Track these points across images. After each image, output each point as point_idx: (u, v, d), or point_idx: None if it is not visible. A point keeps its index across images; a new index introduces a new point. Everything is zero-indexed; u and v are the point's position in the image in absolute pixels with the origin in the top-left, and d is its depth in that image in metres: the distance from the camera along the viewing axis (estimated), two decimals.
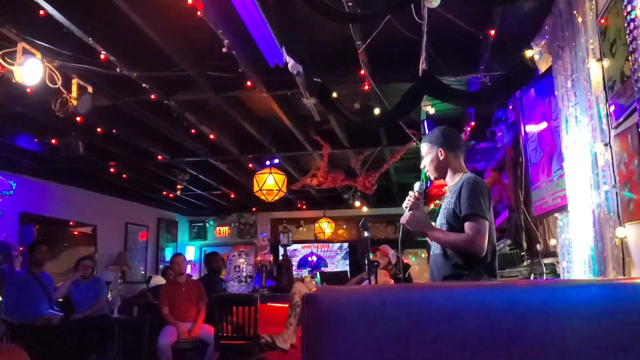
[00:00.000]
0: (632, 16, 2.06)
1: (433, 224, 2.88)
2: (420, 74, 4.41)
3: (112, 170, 7.91)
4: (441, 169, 2.95)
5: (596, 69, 3.00)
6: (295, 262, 11.41)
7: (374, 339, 1.30)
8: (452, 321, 1.30)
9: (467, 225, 2.66)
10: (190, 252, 12.51)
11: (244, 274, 6.37)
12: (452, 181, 2.93)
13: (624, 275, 2.64)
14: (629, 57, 2.15)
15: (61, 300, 6.85)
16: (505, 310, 1.32)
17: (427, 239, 2.90)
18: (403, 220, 2.84)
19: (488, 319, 1.31)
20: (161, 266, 10.96)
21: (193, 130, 6.39)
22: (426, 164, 2.99)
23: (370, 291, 1.48)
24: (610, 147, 2.82)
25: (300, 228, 12.31)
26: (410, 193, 2.89)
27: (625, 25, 2.10)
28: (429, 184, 6.99)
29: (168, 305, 6.22)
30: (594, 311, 1.29)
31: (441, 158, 2.92)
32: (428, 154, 2.97)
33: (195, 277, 10.26)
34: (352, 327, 1.31)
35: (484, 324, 1.30)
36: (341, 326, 1.31)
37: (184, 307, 6.26)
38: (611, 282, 1.71)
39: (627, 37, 2.18)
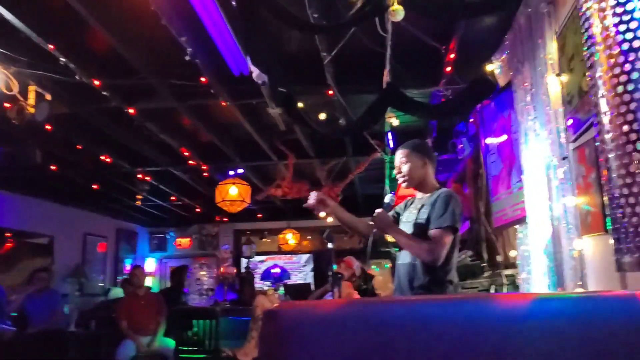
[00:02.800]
0: (590, 33, 2.11)
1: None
2: (384, 86, 4.45)
3: (70, 179, 7.70)
4: (419, 179, 2.94)
5: (555, 84, 3.08)
6: (258, 274, 11.33)
7: (336, 356, 1.27)
8: (415, 336, 1.29)
9: (432, 232, 2.67)
10: (151, 264, 12.27)
11: (205, 286, 6.27)
12: (424, 194, 2.92)
13: (583, 287, 2.69)
14: (587, 73, 2.20)
15: (14, 314, 6.60)
16: (467, 324, 1.31)
17: (393, 249, 2.91)
18: (372, 218, 2.83)
19: (450, 334, 1.30)
20: (119, 278, 10.72)
21: (154, 140, 6.27)
22: (405, 171, 2.93)
23: (332, 307, 1.45)
24: (569, 160, 2.89)
25: (264, 239, 12.22)
26: (312, 194, 2.91)
27: (583, 42, 2.16)
28: (392, 194, 7.05)
29: (127, 319, 6.06)
30: (555, 325, 1.29)
31: (423, 169, 2.92)
32: (410, 162, 2.92)
33: (155, 289, 10.10)
34: (313, 344, 1.28)
35: (447, 339, 1.29)
36: (302, 343, 1.28)
37: (143, 321, 6.11)
38: (570, 295, 1.73)
39: (584, 53, 2.23)
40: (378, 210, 2.81)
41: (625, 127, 1.95)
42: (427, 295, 2.64)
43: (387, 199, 2.94)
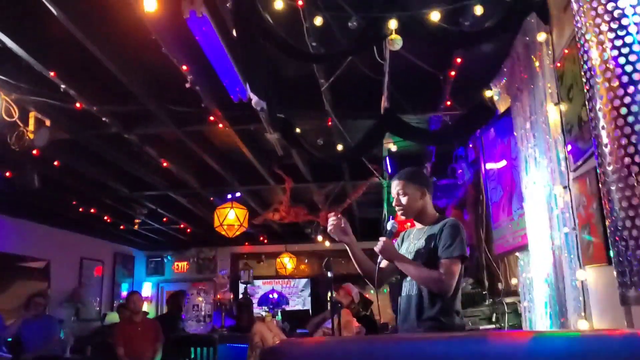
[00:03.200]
0: (589, 65, 2.11)
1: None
2: (382, 112, 4.46)
3: (68, 203, 7.67)
4: (419, 209, 2.91)
5: (554, 112, 3.08)
6: (255, 299, 11.23)
7: None
8: None
9: (442, 263, 2.63)
10: (147, 289, 12.17)
11: (203, 312, 6.21)
12: (426, 223, 2.89)
13: (586, 318, 2.66)
14: (586, 104, 2.20)
15: (10, 340, 6.51)
16: None
17: (395, 278, 2.87)
18: (377, 248, 2.79)
19: None
20: (116, 302, 10.62)
21: (153, 164, 6.27)
22: (404, 202, 2.90)
23: (335, 344, 1.43)
24: (569, 190, 2.88)
25: (261, 263, 12.15)
26: (332, 215, 2.89)
27: (582, 73, 2.16)
28: (390, 218, 7.03)
29: (123, 346, 5.99)
30: None
31: (422, 200, 2.88)
32: (408, 193, 2.88)
33: (151, 314, 10.00)
34: None
35: None
36: None
37: (140, 347, 6.04)
38: (578, 334, 1.71)
39: (584, 84, 2.23)
40: (382, 239, 2.77)
41: (627, 160, 1.93)
42: (436, 325, 2.60)
43: (389, 225, 2.89)
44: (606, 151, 2.05)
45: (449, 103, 4.55)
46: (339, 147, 5.39)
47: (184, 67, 3.89)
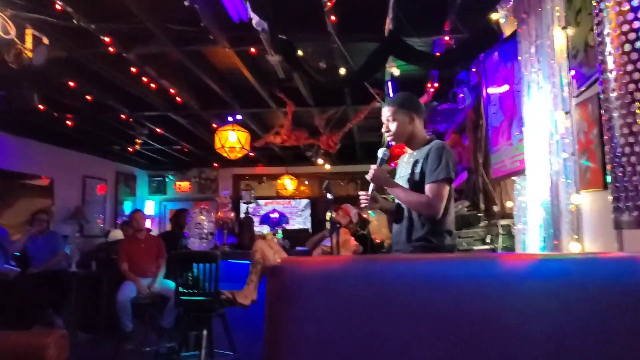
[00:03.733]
0: None
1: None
2: (386, 35, 4.36)
3: (68, 123, 7.64)
4: (409, 135, 2.93)
5: (560, 37, 3.01)
6: (257, 218, 11.42)
7: (338, 312, 1.30)
8: (415, 294, 1.31)
9: (429, 187, 2.69)
10: (150, 207, 12.35)
11: (205, 230, 6.34)
12: (415, 147, 2.92)
13: (579, 241, 2.72)
14: (594, 29, 2.15)
15: (17, 254, 6.69)
16: (466, 283, 1.33)
17: (389, 196, 2.93)
18: (369, 176, 2.84)
19: (449, 292, 1.32)
20: (119, 219, 10.81)
21: (153, 85, 6.19)
22: (392, 128, 2.92)
23: (335, 263, 1.47)
24: (571, 115, 2.86)
25: (262, 184, 12.27)
26: (362, 193, 2.89)
27: None
28: (389, 144, 7.03)
29: (127, 261, 6.15)
30: (555, 286, 1.31)
31: (412, 124, 2.90)
32: (397, 119, 2.89)
33: (154, 231, 10.20)
34: (315, 300, 1.30)
35: (445, 297, 1.31)
36: (305, 299, 1.30)
37: (144, 263, 6.20)
38: (569, 256, 1.75)
39: (592, 7, 2.17)
40: (373, 167, 2.81)
41: (631, 86, 1.92)
42: (425, 245, 2.68)
43: (380, 153, 2.92)
44: (611, 77, 2.02)
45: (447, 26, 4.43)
46: (342, 71, 5.31)
47: None
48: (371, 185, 2.85)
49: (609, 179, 2.05)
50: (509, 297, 1.29)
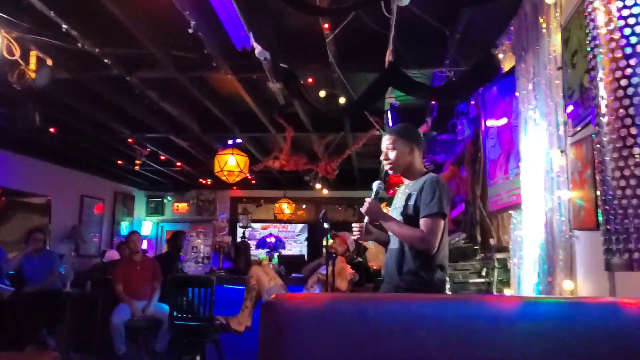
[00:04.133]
0: (594, 34, 2.10)
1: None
2: (386, 66, 4.43)
3: (69, 142, 7.70)
4: (407, 165, 2.97)
5: (557, 77, 3.07)
6: (253, 242, 11.42)
7: (330, 349, 1.32)
8: (407, 333, 1.34)
9: (423, 221, 2.71)
10: (147, 228, 12.35)
11: (201, 254, 6.35)
12: (411, 179, 2.96)
13: (572, 279, 2.75)
14: (589, 73, 2.21)
15: (12, 272, 6.67)
16: (457, 324, 1.36)
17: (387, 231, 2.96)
18: (363, 209, 2.88)
19: (440, 333, 1.35)
20: (116, 239, 10.79)
21: (155, 108, 6.25)
22: (392, 157, 2.96)
23: (328, 301, 1.50)
24: (566, 154, 2.91)
25: (260, 207, 12.30)
26: (355, 225, 2.93)
27: (587, 42, 2.15)
28: (387, 173, 7.08)
29: (122, 283, 6.15)
30: (542, 328, 1.34)
31: (411, 155, 2.94)
32: (397, 148, 2.94)
33: (151, 253, 10.19)
34: (308, 336, 1.32)
35: (436, 337, 1.34)
36: (297, 335, 1.33)
37: (139, 286, 6.20)
38: (561, 300, 1.78)
39: (588, 52, 2.23)
40: (367, 200, 2.85)
41: (623, 131, 1.96)
42: (415, 279, 2.70)
43: (375, 186, 2.96)
44: (603, 121, 2.07)
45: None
46: (341, 100, 5.38)
47: (187, 12, 3.83)
48: (366, 217, 2.89)
49: (600, 219, 2.08)
50: (498, 339, 1.32)
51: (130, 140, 7.64)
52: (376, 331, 1.35)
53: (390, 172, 3.09)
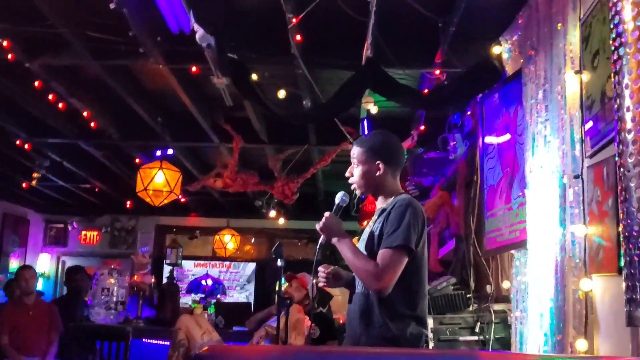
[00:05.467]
0: (619, 30, 2.18)
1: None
2: (363, 63, 4.49)
3: None
4: (374, 186, 2.96)
5: (574, 83, 3.16)
6: (184, 285, 11.29)
7: None
8: None
9: (380, 253, 2.69)
10: (44, 262, 12.10)
11: (115, 298, 6.25)
12: (383, 202, 2.96)
13: (585, 337, 2.79)
14: (613, 78, 2.28)
15: None
16: None
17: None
18: (318, 225, 2.86)
19: None
20: (1, 276, 10.54)
21: (61, 105, 6.16)
22: (356, 174, 2.97)
23: (275, 354, 1.49)
24: (582, 179, 2.98)
25: (195, 240, 12.18)
26: (321, 270, 2.93)
27: (611, 40, 2.23)
28: (363, 196, 7.11)
29: (9, 333, 5.99)
30: None
31: (378, 174, 2.91)
32: (362, 163, 2.93)
33: (48, 296, 9.95)
34: None
35: None
36: None
37: (31, 337, 6.06)
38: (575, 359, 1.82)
39: (612, 52, 2.30)
40: (326, 214, 2.85)
41: None
42: (382, 333, 2.68)
43: (338, 198, 2.96)
44: (629, 138, 2.14)
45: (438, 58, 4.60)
46: (306, 103, 5.41)
47: None
48: (321, 238, 2.88)
49: (622, 262, 2.14)
50: None
51: (27, 146, 7.49)
52: None
53: (357, 192, 3.10)
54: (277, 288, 3.77)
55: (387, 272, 2.63)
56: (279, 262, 3.49)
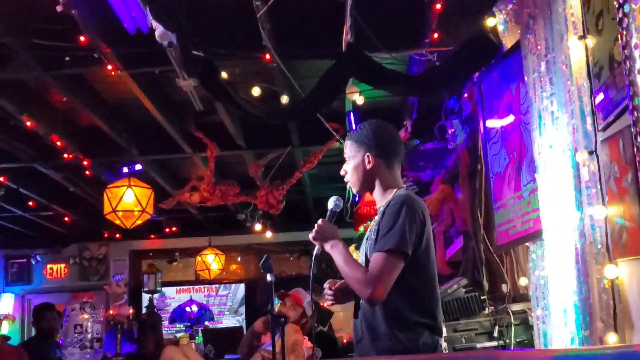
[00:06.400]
0: None
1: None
2: (344, 49, 4.48)
3: None
4: (367, 181, 2.95)
5: (578, 50, 3.16)
6: (166, 315, 11.24)
7: None
8: None
9: (372, 259, 2.69)
10: (7, 303, 12.03)
11: (89, 335, 6.19)
12: (382, 200, 2.95)
13: (615, 330, 2.78)
14: (619, 39, 2.28)
15: None
16: None
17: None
18: (311, 235, 2.86)
19: None
20: None
21: (11, 124, 6.14)
22: (348, 171, 2.97)
23: None
24: (597, 155, 2.98)
25: (175, 263, 12.14)
26: (327, 287, 2.95)
27: None
28: (357, 199, 7.09)
29: None
30: None
31: (368, 166, 2.90)
32: (352, 157, 2.96)
33: (14, 340, 9.87)
34: None
35: None
36: None
37: None
38: (599, 352, 1.81)
39: (616, 9, 2.30)
40: (320, 221, 2.85)
41: None
42: (392, 346, 2.66)
43: (331, 203, 2.97)
44: None
45: (436, 36, 4.59)
46: (284, 99, 5.40)
47: None
48: (315, 249, 2.88)
49: None
50: None
51: None
52: None
53: (353, 190, 3.09)
54: (269, 307, 3.73)
55: (377, 279, 2.61)
56: (269, 277, 3.46)
